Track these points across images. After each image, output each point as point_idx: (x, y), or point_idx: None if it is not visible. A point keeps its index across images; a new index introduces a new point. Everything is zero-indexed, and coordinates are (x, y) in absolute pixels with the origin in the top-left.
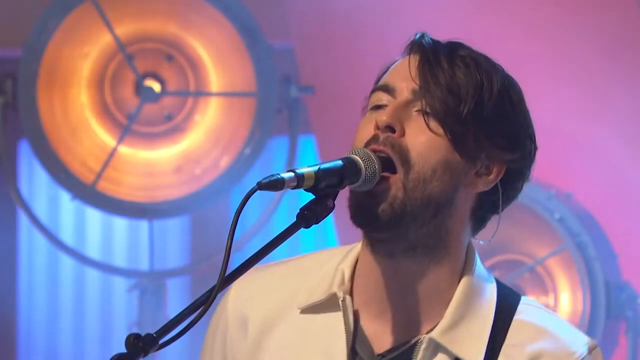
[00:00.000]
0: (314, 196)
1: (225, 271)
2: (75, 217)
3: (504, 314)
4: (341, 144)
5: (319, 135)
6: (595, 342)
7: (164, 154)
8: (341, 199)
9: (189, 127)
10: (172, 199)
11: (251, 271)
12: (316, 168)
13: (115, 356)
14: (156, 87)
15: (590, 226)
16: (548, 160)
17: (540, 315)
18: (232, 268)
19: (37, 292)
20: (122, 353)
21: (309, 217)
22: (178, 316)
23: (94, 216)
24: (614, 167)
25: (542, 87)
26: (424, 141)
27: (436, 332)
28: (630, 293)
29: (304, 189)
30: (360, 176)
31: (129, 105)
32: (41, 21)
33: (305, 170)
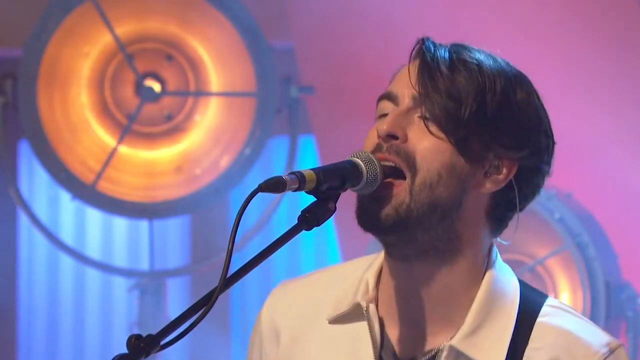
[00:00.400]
0: (315, 198)
1: (227, 273)
2: (75, 217)
3: (527, 316)
4: (341, 144)
5: (319, 135)
6: (618, 342)
7: (164, 154)
8: (342, 201)
9: (189, 127)
10: (172, 199)
11: (282, 284)
12: (318, 170)
13: (117, 357)
14: (156, 87)
15: (590, 226)
16: None
17: (564, 318)
18: (233, 269)
19: (37, 292)
20: (124, 354)
21: (310, 220)
22: (179, 317)
23: (94, 216)
24: (614, 167)
25: (542, 87)
26: (427, 146)
27: (456, 339)
28: (630, 293)
29: (306, 191)
30: (362, 179)
31: (129, 105)
32: (41, 21)
33: (307, 172)
